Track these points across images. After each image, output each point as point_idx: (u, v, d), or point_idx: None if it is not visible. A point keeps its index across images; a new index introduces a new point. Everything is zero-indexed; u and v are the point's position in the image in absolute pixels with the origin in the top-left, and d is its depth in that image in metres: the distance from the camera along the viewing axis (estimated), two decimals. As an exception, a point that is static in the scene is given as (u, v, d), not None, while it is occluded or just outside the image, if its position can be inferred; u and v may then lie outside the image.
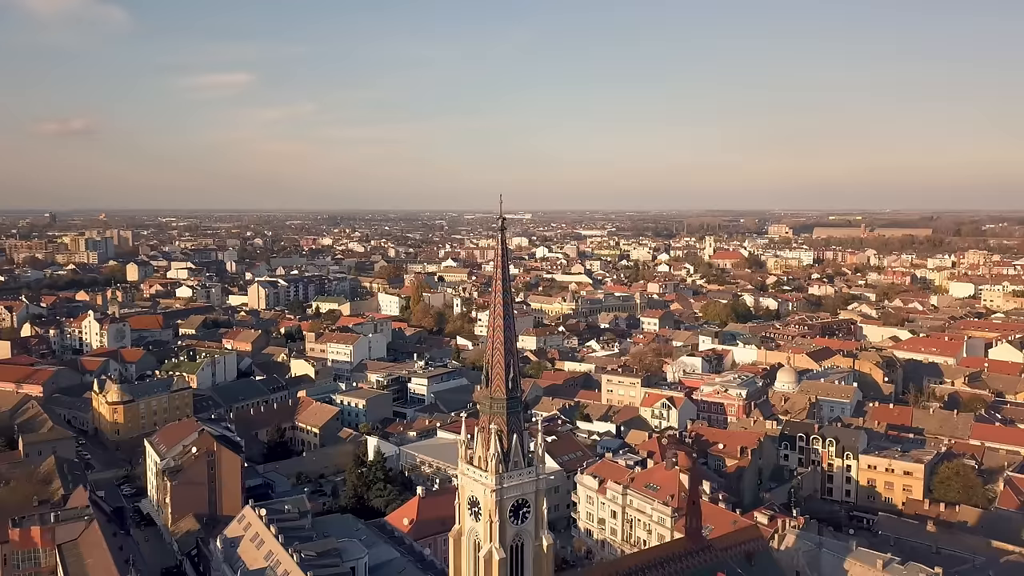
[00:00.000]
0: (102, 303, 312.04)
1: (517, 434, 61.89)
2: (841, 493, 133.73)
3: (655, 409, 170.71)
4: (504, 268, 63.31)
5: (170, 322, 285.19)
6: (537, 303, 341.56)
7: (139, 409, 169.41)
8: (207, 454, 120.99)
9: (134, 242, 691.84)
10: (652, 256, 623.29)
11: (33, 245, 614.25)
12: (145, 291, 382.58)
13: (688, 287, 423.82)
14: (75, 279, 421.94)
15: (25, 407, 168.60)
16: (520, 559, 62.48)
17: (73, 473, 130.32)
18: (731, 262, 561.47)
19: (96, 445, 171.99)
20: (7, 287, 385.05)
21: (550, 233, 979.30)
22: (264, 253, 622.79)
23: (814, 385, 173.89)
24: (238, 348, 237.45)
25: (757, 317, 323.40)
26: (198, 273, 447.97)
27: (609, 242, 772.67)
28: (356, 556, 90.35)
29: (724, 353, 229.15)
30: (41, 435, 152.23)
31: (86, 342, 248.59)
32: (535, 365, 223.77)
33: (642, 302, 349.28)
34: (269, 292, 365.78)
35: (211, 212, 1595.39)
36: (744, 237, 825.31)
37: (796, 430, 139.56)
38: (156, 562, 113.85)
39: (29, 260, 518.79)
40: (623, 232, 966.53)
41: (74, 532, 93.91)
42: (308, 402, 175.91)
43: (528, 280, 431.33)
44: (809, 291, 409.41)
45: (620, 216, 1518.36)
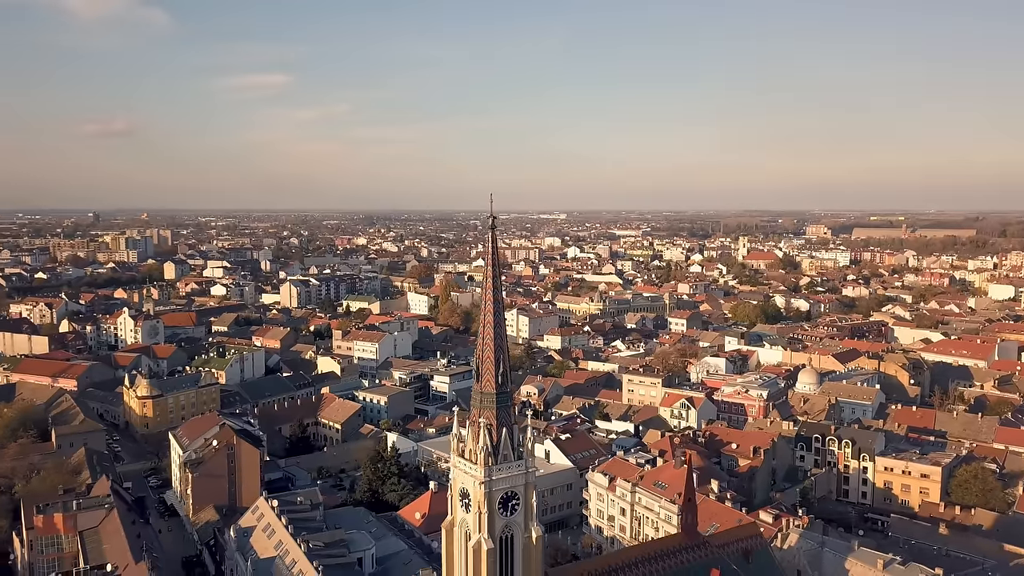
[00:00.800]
0: (138, 301, 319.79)
1: (506, 428, 63.10)
2: (857, 495, 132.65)
3: (674, 409, 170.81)
4: (494, 266, 64.36)
5: (203, 319, 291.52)
6: (565, 303, 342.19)
7: (167, 404, 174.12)
8: (227, 447, 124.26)
9: (173, 241, 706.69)
10: (685, 256, 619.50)
11: (76, 244, 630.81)
12: (181, 289, 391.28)
13: (719, 288, 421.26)
14: (114, 277, 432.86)
15: (59, 400, 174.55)
16: (510, 550, 63.71)
17: (102, 464, 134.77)
18: (765, 263, 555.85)
19: (126, 438, 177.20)
20: (49, 285, 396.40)
21: (584, 233, 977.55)
22: (299, 252, 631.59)
23: (835, 387, 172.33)
24: (267, 345, 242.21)
25: (787, 318, 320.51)
26: (233, 272, 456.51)
27: (643, 242, 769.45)
28: (363, 547, 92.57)
29: (749, 354, 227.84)
30: (73, 427, 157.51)
31: (121, 338, 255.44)
32: (558, 364, 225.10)
33: (671, 303, 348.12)
34: (301, 291, 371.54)
35: (249, 212, 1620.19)
36: (780, 238, 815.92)
37: (812, 431, 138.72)
38: (177, 551, 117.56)
39: (71, 259, 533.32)
40: (658, 232, 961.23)
41: (95, 520, 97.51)
42: (331, 398, 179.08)
43: (557, 280, 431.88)
44: (843, 292, 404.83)
45: (656, 216, 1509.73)
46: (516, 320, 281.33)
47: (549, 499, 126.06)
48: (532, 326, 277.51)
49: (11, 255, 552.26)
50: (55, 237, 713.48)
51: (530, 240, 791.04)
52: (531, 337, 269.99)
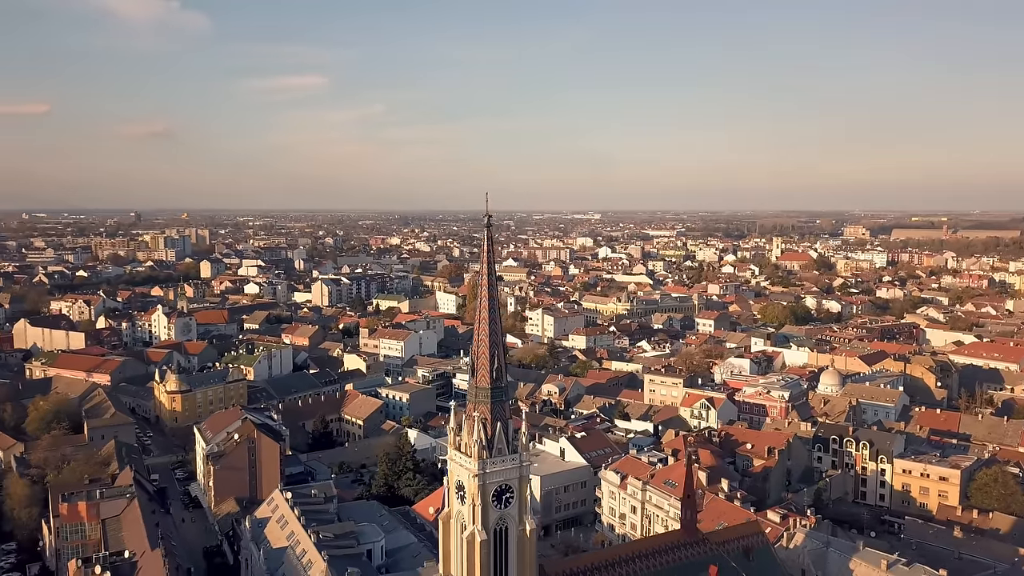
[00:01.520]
0: (173, 298, 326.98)
1: (501, 422, 64.51)
2: (875, 497, 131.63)
3: (694, 409, 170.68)
4: (489, 264, 65.85)
5: (235, 317, 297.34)
6: (592, 303, 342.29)
7: (195, 398, 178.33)
8: (248, 441, 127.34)
9: (211, 240, 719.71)
10: (718, 257, 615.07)
11: (117, 243, 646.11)
12: (215, 287, 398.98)
13: (751, 289, 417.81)
14: (152, 275, 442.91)
15: (92, 394, 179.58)
16: (504, 542, 65.03)
17: (130, 457, 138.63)
18: (799, 264, 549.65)
19: (156, 431, 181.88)
20: (89, 282, 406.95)
21: (617, 233, 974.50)
22: (333, 252, 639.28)
23: (858, 388, 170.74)
24: (296, 343, 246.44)
25: (817, 320, 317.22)
26: (267, 271, 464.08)
27: (676, 243, 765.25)
28: (373, 539, 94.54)
29: (774, 355, 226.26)
30: (104, 420, 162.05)
31: (155, 335, 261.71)
32: (581, 364, 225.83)
33: (700, 303, 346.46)
34: (332, 289, 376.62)
35: (287, 212, 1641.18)
36: (816, 238, 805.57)
37: (830, 432, 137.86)
38: (199, 541, 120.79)
39: (112, 257, 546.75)
40: (692, 232, 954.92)
41: (117, 508, 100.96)
42: (354, 395, 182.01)
43: (586, 280, 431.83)
44: (877, 294, 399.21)
45: (693, 216, 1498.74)
46: (541, 320, 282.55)
47: (563, 496, 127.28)
48: (557, 326, 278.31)
49: (55, 253, 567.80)
50: (97, 236, 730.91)
51: (562, 240, 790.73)
52: (556, 337, 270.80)
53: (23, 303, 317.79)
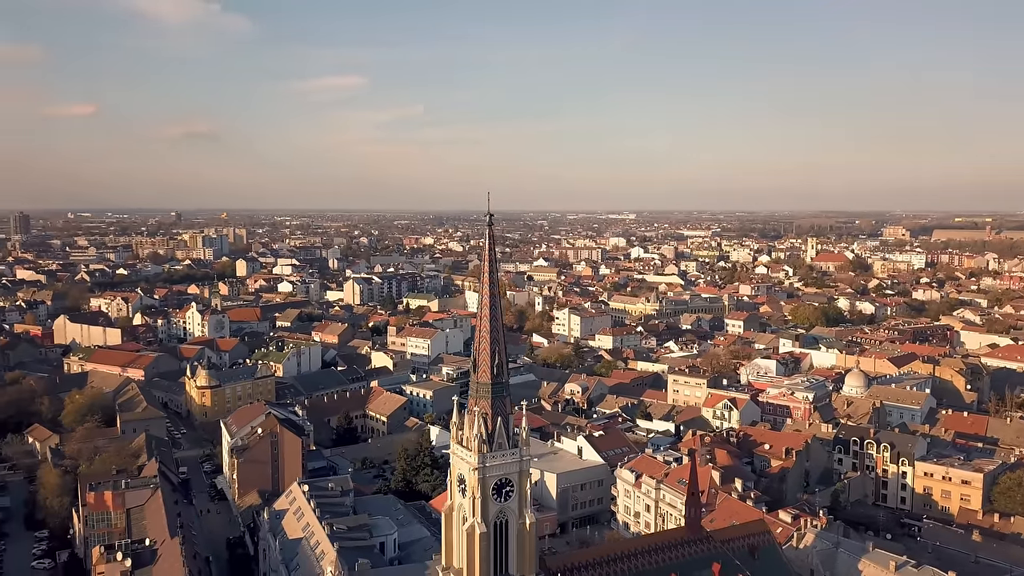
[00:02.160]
0: (208, 296, 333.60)
1: (502, 417, 65.66)
2: (896, 500, 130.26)
3: (716, 410, 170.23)
4: (491, 262, 67.14)
5: (268, 315, 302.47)
6: (620, 303, 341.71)
7: (225, 394, 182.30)
8: (271, 435, 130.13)
9: (248, 240, 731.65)
10: (752, 258, 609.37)
11: (156, 242, 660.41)
12: (250, 285, 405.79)
13: (783, 290, 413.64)
14: (189, 273, 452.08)
15: (126, 389, 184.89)
16: (505, 535, 66.19)
17: (160, 450, 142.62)
18: (834, 265, 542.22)
19: (187, 425, 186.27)
20: (129, 280, 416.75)
21: (651, 233, 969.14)
22: (367, 252, 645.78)
23: (883, 390, 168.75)
24: (325, 340, 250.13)
25: (850, 321, 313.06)
26: (301, 269, 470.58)
27: (711, 243, 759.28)
28: (385, 532, 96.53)
29: (802, 356, 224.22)
30: (136, 414, 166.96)
31: (189, 331, 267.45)
32: (605, 364, 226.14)
33: (730, 304, 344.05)
34: (364, 288, 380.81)
35: (324, 212, 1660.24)
36: (853, 239, 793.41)
37: (851, 434, 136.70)
38: (223, 532, 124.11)
39: (151, 256, 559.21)
40: (728, 233, 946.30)
41: (141, 498, 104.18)
42: (379, 392, 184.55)
43: (616, 280, 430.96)
44: (913, 296, 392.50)
45: (729, 217, 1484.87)
46: (568, 319, 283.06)
47: (579, 495, 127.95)
48: (584, 325, 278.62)
49: (97, 252, 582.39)
50: (139, 235, 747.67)
51: (595, 240, 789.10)
52: (583, 336, 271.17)
53: (65, 300, 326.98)
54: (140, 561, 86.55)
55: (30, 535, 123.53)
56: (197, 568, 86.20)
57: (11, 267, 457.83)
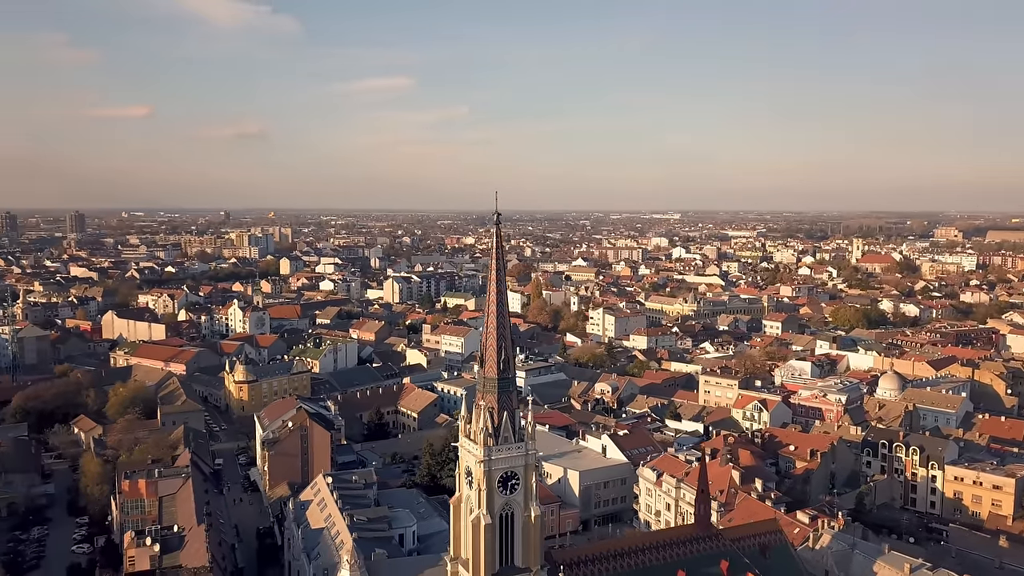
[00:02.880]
0: (251, 294, 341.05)
1: (508, 412, 67.16)
2: (925, 504, 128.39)
3: (747, 411, 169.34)
4: (498, 260, 68.62)
5: (308, 312, 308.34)
6: (657, 304, 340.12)
7: (261, 388, 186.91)
8: (301, 429, 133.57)
9: (293, 239, 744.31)
10: (796, 259, 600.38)
11: (204, 241, 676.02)
12: (293, 283, 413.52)
13: (826, 291, 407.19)
14: (234, 272, 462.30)
15: (168, 383, 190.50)
16: (510, 527, 67.64)
17: (197, 442, 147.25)
18: (880, 266, 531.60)
19: (225, 419, 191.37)
20: (176, 277, 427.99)
21: (695, 233, 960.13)
22: (408, 251, 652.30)
23: (918, 393, 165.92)
24: (362, 338, 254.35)
25: (892, 323, 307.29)
26: (343, 268, 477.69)
27: (755, 243, 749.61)
28: (405, 525, 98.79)
29: (838, 358, 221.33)
30: (176, 407, 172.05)
31: (231, 327, 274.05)
32: (638, 364, 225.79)
33: (769, 305, 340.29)
34: (403, 287, 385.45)
35: (369, 212, 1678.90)
36: (902, 240, 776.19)
37: (879, 437, 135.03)
38: (254, 522, 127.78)
39: (199, 254, 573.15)
40: (773, 233, 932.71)
41: (173, 487, 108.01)
42: (411, 388, 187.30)
43: (655, 280, 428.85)
44: (961, 298, 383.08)
45: (776, 217, 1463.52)
46: (602, 319, 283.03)
47: (602, 493, 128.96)
48: (618, 325, 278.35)
49: (147, 250, 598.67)
50: (188, 234, 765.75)
51: (636, 240, 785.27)
52: (617, 336, 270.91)
53: (115, 296, 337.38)
54: (168, 546, 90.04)
55: (72, 521, 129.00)
56: (221, 555, 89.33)
57: (66, 264, 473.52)
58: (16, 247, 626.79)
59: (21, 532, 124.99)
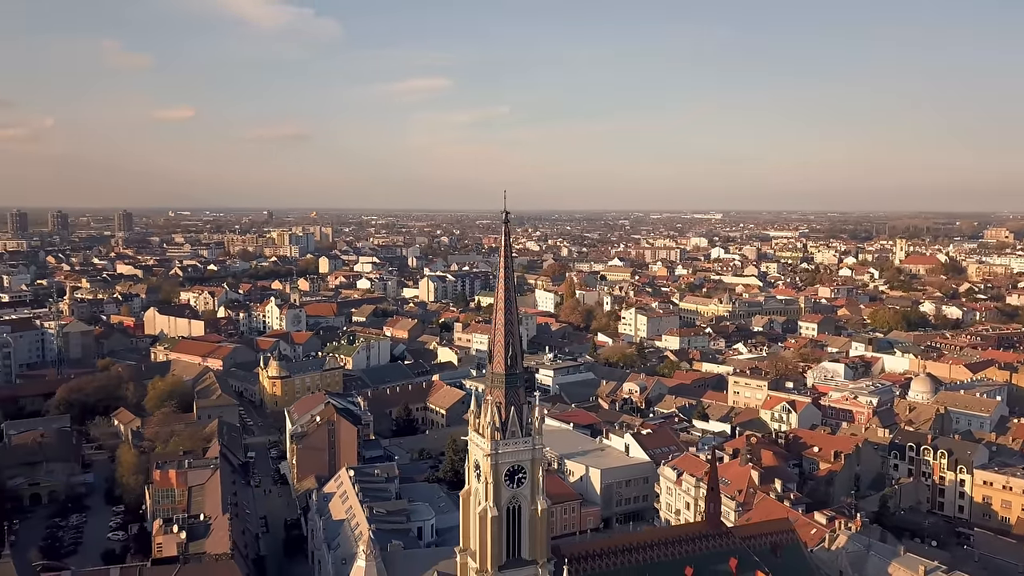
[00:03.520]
0: (289, 292, 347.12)
1: (515, 407, 68.50)
2: (953, 508, 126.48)
3: (775, 412, 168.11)
4: (507, 258, 69.98)
5: (344, 310, 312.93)
6: (692, 304, 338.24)
7: (294, 384, 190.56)
8: (328, 423, 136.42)
9: (333, 238, 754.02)
10: (838, 260, 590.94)
11: (246, 240, 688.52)
12: (331, 282, 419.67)
13: (866, 293, 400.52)
14: (274, 270, 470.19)
15: (204, 377, 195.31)
16: (518, 520, 68.90)
17: (230, 435, 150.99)
18: (924, 267, 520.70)
19: (260, 414, 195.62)
20: (218, 275, 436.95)
21: (735, 234, 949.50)
22: (446, 250, 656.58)
23: (951, 396, 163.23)
24: (396, 335, 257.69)
25: (933, 326, 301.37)
26: (381, 267, 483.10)
27: (796, 244, 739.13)
28: (424, 518, 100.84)
29: (873, 361, 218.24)
30: (211, 401, 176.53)
31: (268, 324, 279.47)
32: (668, 364, 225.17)
33: (807, 306, 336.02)
34: (438, 286, 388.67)
35: (409, 212, 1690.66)
36: (949, 241, 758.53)
37: (907, 439, 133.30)
38: (282, 514, 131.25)
39: (241, 253, 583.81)
40: (816, 234, 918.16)
41: (202, 478, 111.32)
42: (440, 385, 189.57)
43: (692, 281, 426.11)
44: (1007, 300, 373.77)
45: (820, 217, 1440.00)
46: (635, 319, 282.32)
47: (623, 491, 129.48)
48: (651, 325, 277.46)
49: (191, 249, 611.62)
50: (231, 233, 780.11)
51: (675, 240, 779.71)
52: (649, 336, 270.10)
53: (158, 293, 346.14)
54: (195, 534, 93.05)
55: (109, 509, 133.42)
56: (244, 543, 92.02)
57: (112, 262, 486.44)
58: (66, 245, 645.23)
59: (61, 519, 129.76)
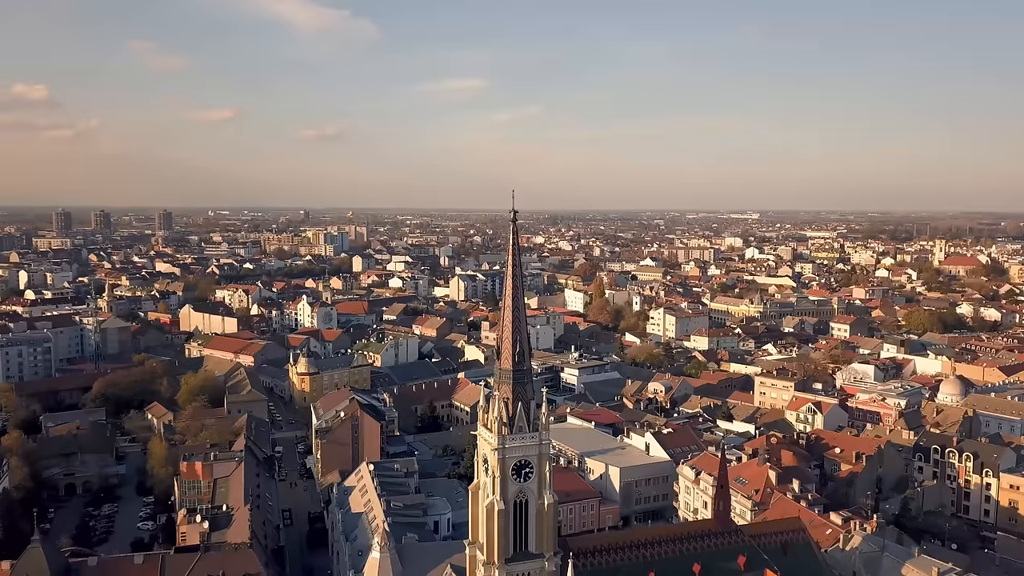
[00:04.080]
0: (321, 290, 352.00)
1: (522, 402, 69.49)
2: (979, 512, 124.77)
3: (800, 413, 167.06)
4: (515, 256, 71.07)
5: (375, 308, 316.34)
6: (723, 304, 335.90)
7: (322, 380, 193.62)
8: (352, 419, 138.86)
9: (368, 237, 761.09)
10: (876, 260, 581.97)
11: (282, 239, 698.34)
12: (363, 281, 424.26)
13: (902, 294, 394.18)
14: (308, 269, 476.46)
15: (235, 373, 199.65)
16: (524, 514, 69.95)
17: (259, 430, 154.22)
18: (964, 268, 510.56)
19: (289, 409, 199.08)
20: (253, 274, 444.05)
21: (772, 234, 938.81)
22: (478, 250, 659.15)
23: (981, 399, 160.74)
24: (424, 333, 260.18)
25: (969, 328, 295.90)
26: (413, 266, 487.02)
27: (833, 244, 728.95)
28: (440, 512, 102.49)
29: (904, 363, 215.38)
30: (241, 397, 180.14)
31: (299, 322, 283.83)
32: (695, 364, 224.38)
33: (840, 307, 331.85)
34: (468, 285, 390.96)
35: (444, 211, 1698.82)
36: (992, 242, 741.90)
37: (932, 442, 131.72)
38: (307, 507, 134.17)
39: (276, 251, 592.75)
40: (854, 234, 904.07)
41: (227, 470, 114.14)
42: (465, 383, 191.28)
43: (724, 281, 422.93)
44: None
45: (860, 217, 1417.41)
46: (663, 319, 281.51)
47: (643, 489, 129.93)
48: (679, 326, 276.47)
49: (228, 247, 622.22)
50: (268, 232, 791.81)
51: (710, 240, 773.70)
52: (678, 337, 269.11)
53: (194, 291, 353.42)
54: (217, 524, 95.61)
55: (140, 500, 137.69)
56: (264, 533, 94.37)
57: (152, 260, 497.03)
58: (108, 244, 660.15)
59: (93, 509, 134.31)
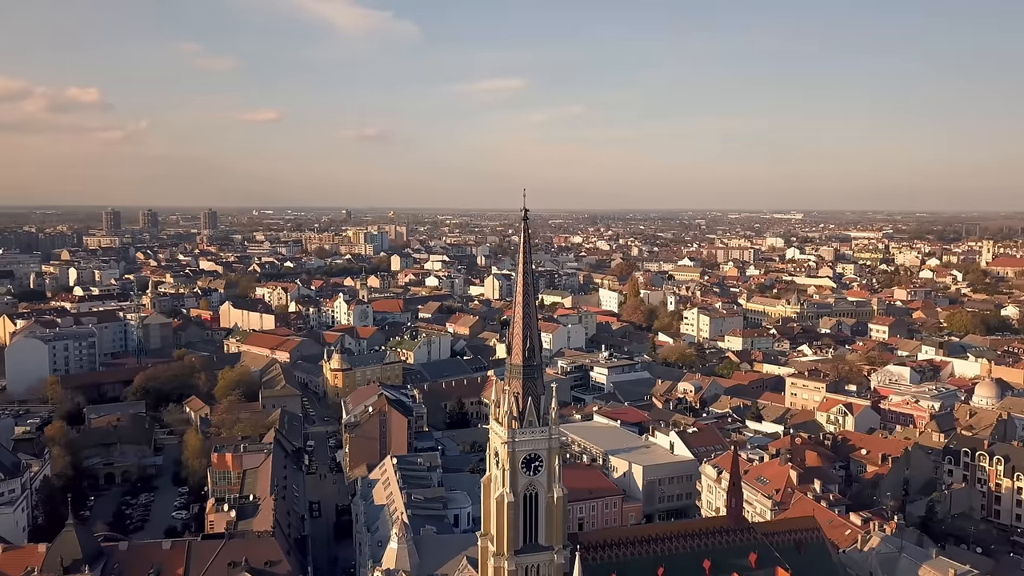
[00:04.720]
0: (358, 288, 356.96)
1: (532, 397, 70.71)
2: (1010, 516, 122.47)
3: (831, 414, 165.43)
4: (526, 254, 72.31)
5: (411, 306, 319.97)
6: (759, 305, 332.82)
7: (355, 376, 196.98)
8: (380, 414, 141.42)
9: (407, 236, 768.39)
10: (921, 261, 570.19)
11: (323, 238, 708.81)
12: (400, 279, 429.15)
13: (946, 295, 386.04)
14: (347, 267, 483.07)
15: (271, 369, 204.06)
16: (534, 507, 71.20)
17: (291, 424, 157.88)
18: (1013, 270, 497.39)
19: (323, 404, 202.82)
20: (293, 271, 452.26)
21: (815, 234, 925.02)
22: (515, 249, 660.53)
23: (1018, 402, 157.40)
24: (457, 331, 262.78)
25: (1013, 330, 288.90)
26: (450, 265, 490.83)
27: (878, 245, 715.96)
28: (460, 506, 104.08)
29: (942, 365, 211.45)
30: (276, 391, 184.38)
31: (336, 319, 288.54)
32: (727, 364, 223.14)
33: (879, 309, 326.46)
34: (503, 284, 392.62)
35: (484, 211, 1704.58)
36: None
37: (962, 444, 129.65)
38: (335, 499, 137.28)
39: (317, 250, 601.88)
40: (900, 235, 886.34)
41: (256, 462, 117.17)
42: (494, 381, 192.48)
43: (763, 282, 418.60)
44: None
45: (907, 217, 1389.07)
46: (697, 319, 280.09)
47: (666, 488, 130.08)
48: (713, 326, 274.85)
49: (270, 246, 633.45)
50: (310, 231, 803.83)
51: (751, 240, 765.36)
52: (712, 337, 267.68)
53: (235, 288, 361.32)
54: (243, 513, 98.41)
55: (175, 490, 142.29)
56: (288, 523, 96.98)
57: (196, 259, 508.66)
58: (155, 242, 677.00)
59: (131, 497, 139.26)
